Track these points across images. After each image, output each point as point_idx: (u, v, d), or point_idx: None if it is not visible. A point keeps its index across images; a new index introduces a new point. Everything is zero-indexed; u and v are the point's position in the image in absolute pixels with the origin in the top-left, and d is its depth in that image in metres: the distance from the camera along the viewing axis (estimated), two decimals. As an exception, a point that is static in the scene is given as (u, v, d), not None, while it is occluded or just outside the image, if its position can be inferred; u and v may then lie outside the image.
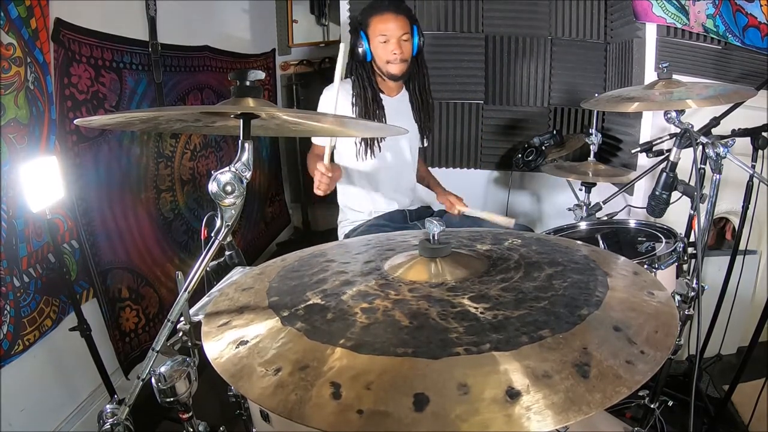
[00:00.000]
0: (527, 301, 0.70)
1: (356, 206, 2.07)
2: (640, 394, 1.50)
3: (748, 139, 1.55)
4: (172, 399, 0.77)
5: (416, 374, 0.57)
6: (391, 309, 0.70)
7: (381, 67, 1.92)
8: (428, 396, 0.53)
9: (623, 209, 2.17)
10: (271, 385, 0.59)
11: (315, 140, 1.97)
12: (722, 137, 1.40)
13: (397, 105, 2.03)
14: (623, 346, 0.61)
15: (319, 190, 1.75)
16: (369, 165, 2.00)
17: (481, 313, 0.67)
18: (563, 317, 0.66)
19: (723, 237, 2.31)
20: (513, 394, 0.53)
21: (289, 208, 3.88)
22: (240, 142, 0.77)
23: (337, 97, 1.68)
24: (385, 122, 1.94)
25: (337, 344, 0.63)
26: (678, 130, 1.39)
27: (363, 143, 1.94)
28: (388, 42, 1.84)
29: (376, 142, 1.96)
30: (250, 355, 0.65)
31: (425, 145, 2.23)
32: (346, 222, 2.09)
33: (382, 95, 1.98)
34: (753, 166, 1.53)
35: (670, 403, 1.54)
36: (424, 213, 2.16)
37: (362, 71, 1.95)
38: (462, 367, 0.57)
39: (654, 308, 0.71)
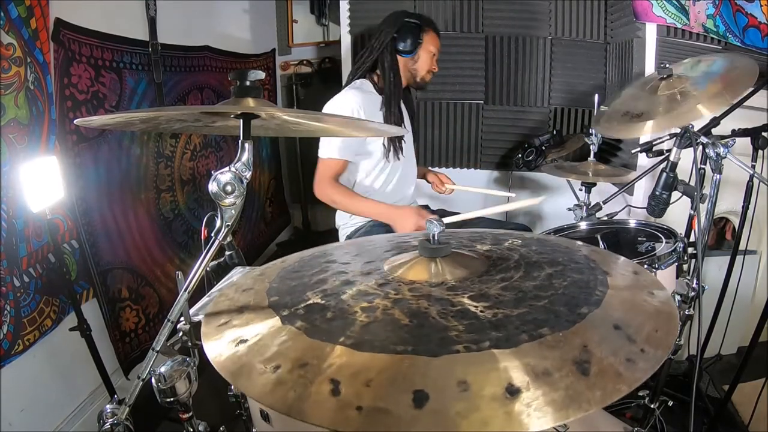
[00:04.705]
0: (527, 300, 0.70)
1: None
2: (640, 394, 1.50)
3: (748, 139, 1.54)
4: (172, 399, 0.77)
5: (416, 371, 0.56)
6: (390, 308, 0.70)
7: (418, 71, 2.04)
8: (428, 393, 0.53)
9: (623, 209, 2.17)
10: (271, 383, 0.59)
11: (325, 155, 1.87)
12: (722, 137, 1.39)
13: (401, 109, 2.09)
14: (623, 344, 0.61)
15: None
16: (389, 166, 2.02)
17: (480, 311, 0.67)
18: (563, 315, 0.66)
19: (723, 237, 2.31)
20: (513, 391, 0.53)
21: (289, 208, 3.87)
22: (240, 142, 0.77)
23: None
24: (404, 120, 2.04)
25: (337, 342, 0.63)
26: (678, 130, 1.39)
27: (390, 144, 1.98)
28: (434, 58, 2.06)
29: (401, 142, 2.01)
30: (250, 353, 0.65)
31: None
32: (348, 225, 2.08)
33: None
34: (753, 166, 1.52)
35: (670, 403, 1.53)
36: None
37: (393, 67, 1.98)
38: (462, 365, 0.57)
39: (654, 308, 0.71)
